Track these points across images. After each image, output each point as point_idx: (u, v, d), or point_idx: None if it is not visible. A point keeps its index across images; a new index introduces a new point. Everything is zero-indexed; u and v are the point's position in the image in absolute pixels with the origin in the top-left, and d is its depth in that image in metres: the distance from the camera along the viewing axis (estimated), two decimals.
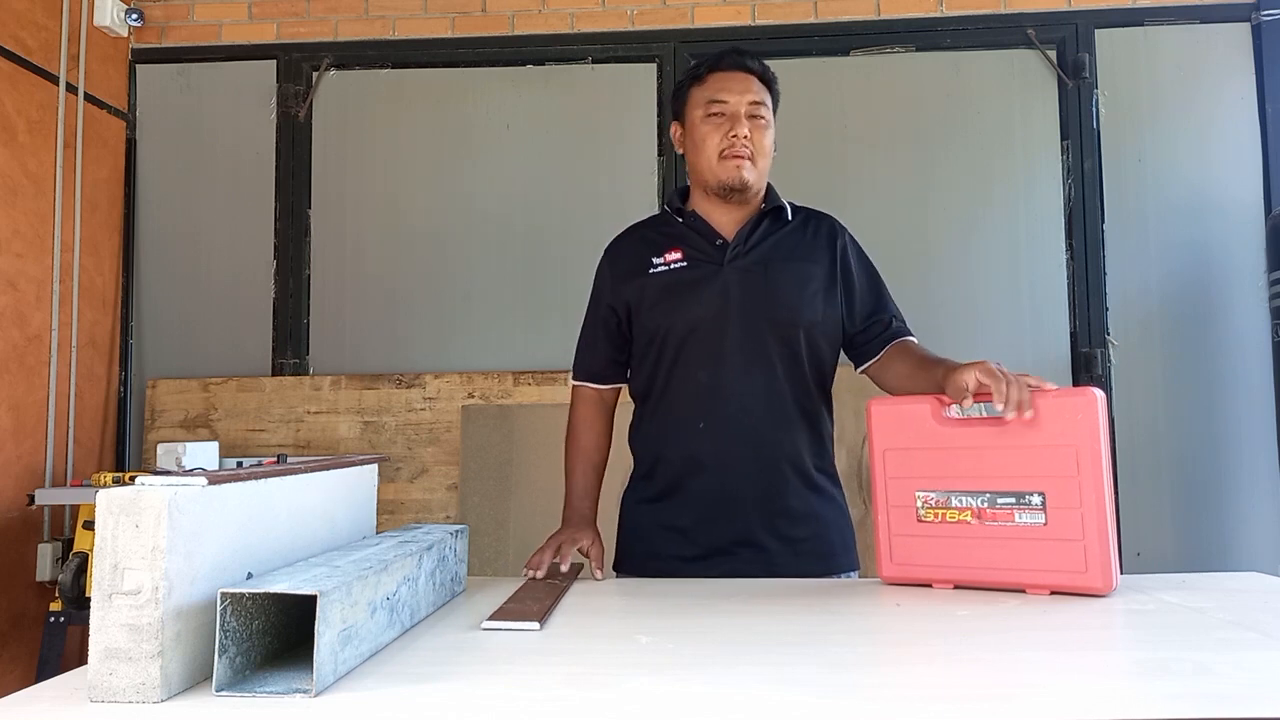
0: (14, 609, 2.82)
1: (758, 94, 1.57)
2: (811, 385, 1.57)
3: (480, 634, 1.04)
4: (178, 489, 0.80)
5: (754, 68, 1.59)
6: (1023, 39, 3.23)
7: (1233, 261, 3.12)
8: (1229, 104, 3.17)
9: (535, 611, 1.11)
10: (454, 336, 3.29)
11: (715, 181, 1.57)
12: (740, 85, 1.56)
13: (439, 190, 3.35)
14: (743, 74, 1.57)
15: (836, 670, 0.88)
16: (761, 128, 1.56)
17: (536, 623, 1.06)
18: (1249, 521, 3.04)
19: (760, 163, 1.57)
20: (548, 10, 3.35)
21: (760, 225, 1.60)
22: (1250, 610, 1.09)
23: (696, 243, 1.59)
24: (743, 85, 1.56)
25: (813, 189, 3.21)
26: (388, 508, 3.10)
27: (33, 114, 2.94)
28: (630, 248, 1.65)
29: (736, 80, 1.57)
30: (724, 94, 1.56)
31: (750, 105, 1.55)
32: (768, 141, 1.58)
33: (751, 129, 1.55)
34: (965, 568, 1.24)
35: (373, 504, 1.29)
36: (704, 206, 1.62)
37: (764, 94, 1.58)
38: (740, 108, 1.55)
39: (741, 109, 1.55)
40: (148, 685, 0.77)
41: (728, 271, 1.55)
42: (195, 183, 3.39)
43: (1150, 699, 0.78)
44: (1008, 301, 3.17)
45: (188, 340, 3.33)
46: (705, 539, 1.53)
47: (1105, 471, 1.17)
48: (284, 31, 3.40)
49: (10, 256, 2.84)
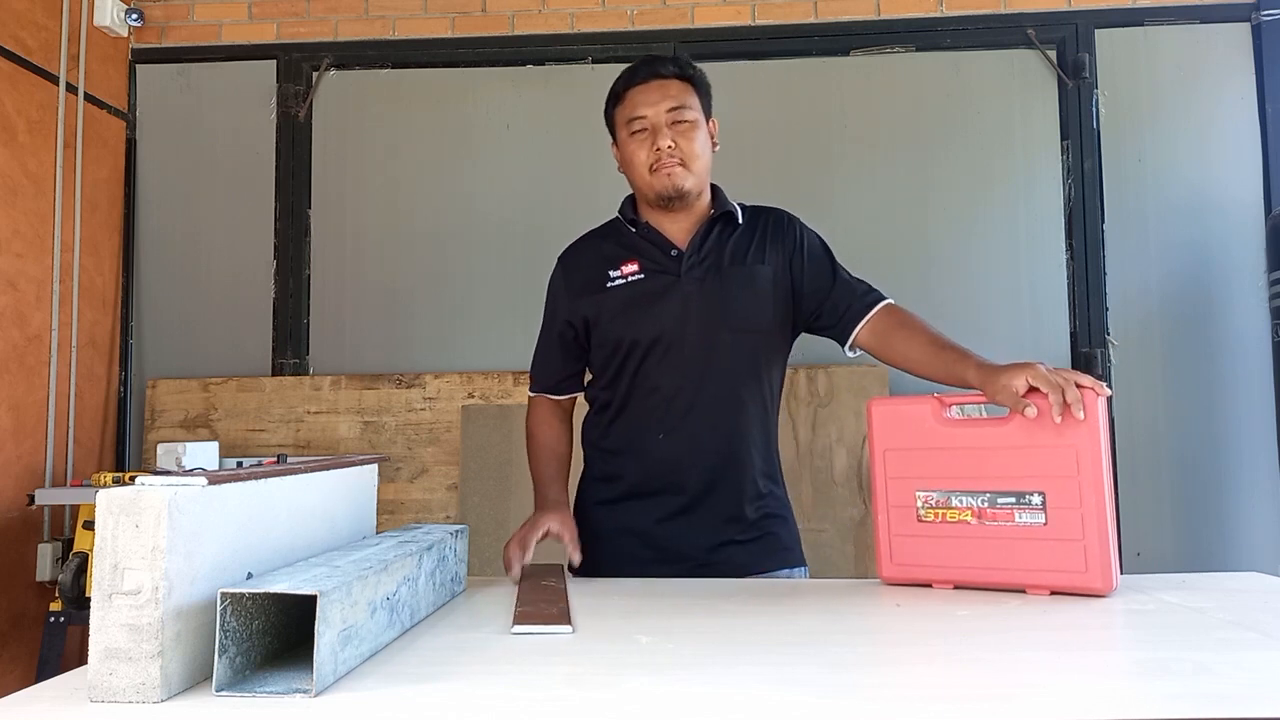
0: (14, 609, 2.82)
1: (677, 98, 1.55)
2: (765, 390, 1.59)
3: (480, 634, 1.04)
4: (178, 489, 0.80)
5: (668, 72, 1.56)
6: (1023, 39, 3.23)
7: (1233, 261, 3.12)
8: (1229, 104, 3.17)
9: (559, 614, 1.10)
10: (454, 336, 3.29)
11: (653, 194, 1.57)
12: (656, 95, 1.55)
13: (439, 190, 3.35)
14: (658, 82, 1.56)
15: (836, 670, 0.88)
16: (686, 132, 1.54)
17: (569, 625, 1.05)
18: (1249, 521, 3.04)
19: (694, 165, 1.55)
20: (548, 10, 3.35)
21: (712, 232, 1.59)
22: (1250, 610, 1.09)
23: (651, 254, 1.59)
24: (659, 95, 1.54)
25: (813, 189, 3.23)
26: (388, 508, 3.10)
27: (33, 114, 2.94)
28: (586, 260, 1.65)
29: (652, 91, 1.55)
30: (641, 109, 1.55)
31: (670, 113, 1.54)
32: (697, 144, 1.55)
33: (675, 136, 1.53)
34: (965, 568, 1.24)
35: (373, 504, 1.29)
36: (654, 216, 1.61)
37: (686, 95, 1.56)
38: (659, 119, 1.54)
39: (661, 119, 1.54)
40: (148, 685, 0.77)
41: (685, 282, 1.55)
42: (195, 183, 3.39)
43: (1150, 699, 0.78)
44: (1008, 301, 3.17)
45: (188, 340, 3.33)
46: (665, 543, 1.54)
47: (1105, 471, 1.17)
48: (284, 31, 3.40)
49: (10, 256, 2.84)
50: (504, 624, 1.09)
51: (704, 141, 1.58)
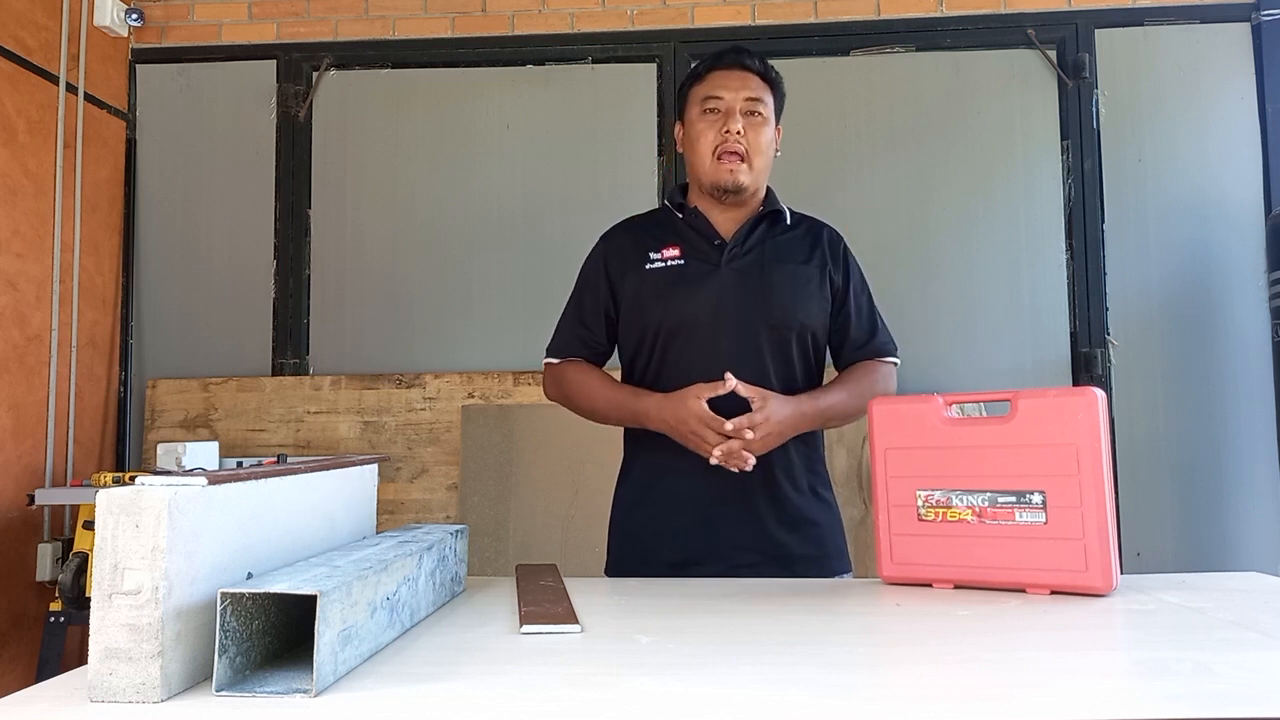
0: (14, 609, 2.82)
1: (756, 91, 1.56)
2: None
3: (480, 634, 1.04)
4: (178, 489, 0.80)
5: (754, 66, 1.58)
6: (1023, 39, 3.23)
7: (1233, 261, 3.12)
8: (1229, 104, 3.17)
9: (565, 613, 1.10)
10: (454, 336, 3.29)
11: (709, 182, 1.57)
12: (737, 82, 1.56)
13: (439, 190, 3.35)
14: (741, 71, 1.57)
15: (836, 670, 0.88)
16: (757, 124, 1.55)
17: (577, 624, 1.05)
18: (1249, 521, 3.04)
19: (755, 161, 1.55)
20: (548, 10, 3.35)
21: (759, 227, 1.60)
22: (1250, 610, 1.09)
23: (694, 240, 1.59)
24: (740, 82, 1.56)
25: (813, 189, 3.23)
26: (388, 508, 3.10)
27: (33, 114, 2.94)
28: (628, 240, 1.64)
29: (734, 77, 1.56)
30: (720, 90, 1.55)
31: (746, 101, 1.55)
32: (764, 139, 1.56)
33: (746, 125, 1.54)
34: (965, 567, 1.24)
35: (373, 504, 1.29)
36: (703, 204, 1.61)
37: (764, 91, 1.57)
38: (735, 104, 1.54)
39: (737, 105, 1.54)
40: (148, 685, 0.77)
41: (724, 272, 1.55)
42: (195, 183, 3.39)
43: (1150, 699, 0.78)
44: (1008, 301, 3.17)
45: (188, 340, 3.33)
46: (695, 544, 1.52)
47: (1105, 471, 1.17)
48: (284, 31, 3.40)
49: (10, 256, 2.84)
50: (504, 624, 1.09)
51: (770, 139, 1.58)
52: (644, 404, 1.50)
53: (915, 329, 3.09)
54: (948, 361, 3.13)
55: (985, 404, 1.27)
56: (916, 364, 3.06)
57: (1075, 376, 3.12)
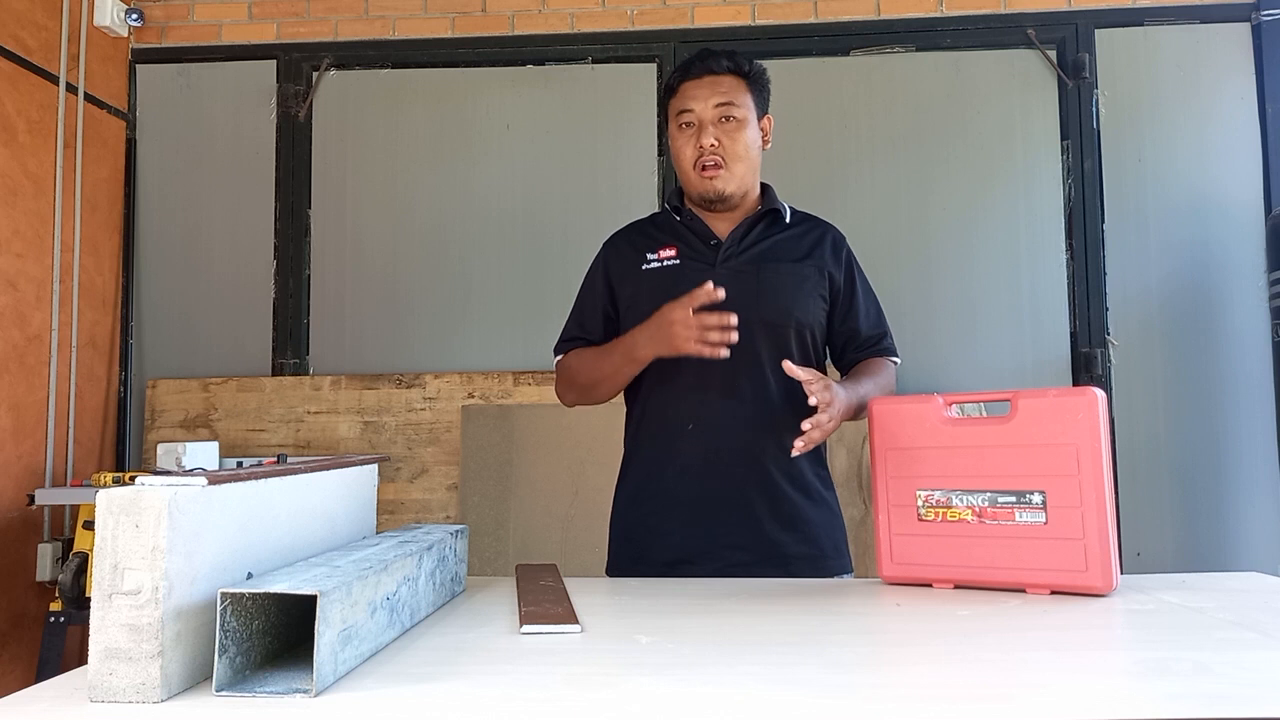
0: (14, 609, 2.82)
1: (727, 94, 1.54)
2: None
3: (480, 634, 1.04)
4: (178, 489, 0.80)
5: (721, 68, 1.55)
6: (1023, 39, 3.23)
7: (1233, 261, 3.12)
8: (1229, 104, 3.17)
9: (565, 613, 1.10)
10: (454, 336, 3.29)
11: (694, 194, 1.59)
12: (707, 90, 1.54)
13: (439, 190, 3.35)
14: (710, 77, 1.55)
15: (836, 670, 0.88)
16: (732, 130, 1.54)
17: (577, 624, 1.05)
18: (1249, 521, 3.04)
19: (736, 167, 1.55)
20: (548, 10, 3.35)
21: (756, 226, 1.60)
22: (1250, 610, 1.09)
23: (691, 241, 1.60)
24: (709, 90, 1.54)
25: (813, 189, 3.23)
26: (388, 508, 3.10)
27: (33, 114, 2.94)
28: (628, 243, 1.66)
29: (703, 85, 1.55)
30: (690, 102, 1.55)
31: (717, 109, 1.53)
32: (741, 144, 1.55)
33: (721, 133, 1.53)
34: (965, 567, 1.24)
35: (373, 504, 1.29)
36: (699, 208, 1.63)
37: (737, 92, 1.55)
38: (706, 114, 1.53)
39: (708, 115, 1.53)
40: (148, 685, 0.77)
41: (719, 271, 1.55)
42: (195, 183, 3.39)
43: (1150, 699, 0.78)
44: (1008, 301, 3.17)
45: (188, 340, 3.33)
46: (689, 543, 1.52)
47: (1105, 471, 1.17)
48: (284, 31, 3.40)
49: (10, 256, 2.84)
50: (504, 624, 1.09)
51: (751, 140, 1.57)
52: (629, 335, 1.50)
53: (915, 329, 3.10)
54: (948, 361, 3.13)
55: (985, 404, 1.27)
56: (916, 364, 3.06)
57: (1075, 376, 3.12)
